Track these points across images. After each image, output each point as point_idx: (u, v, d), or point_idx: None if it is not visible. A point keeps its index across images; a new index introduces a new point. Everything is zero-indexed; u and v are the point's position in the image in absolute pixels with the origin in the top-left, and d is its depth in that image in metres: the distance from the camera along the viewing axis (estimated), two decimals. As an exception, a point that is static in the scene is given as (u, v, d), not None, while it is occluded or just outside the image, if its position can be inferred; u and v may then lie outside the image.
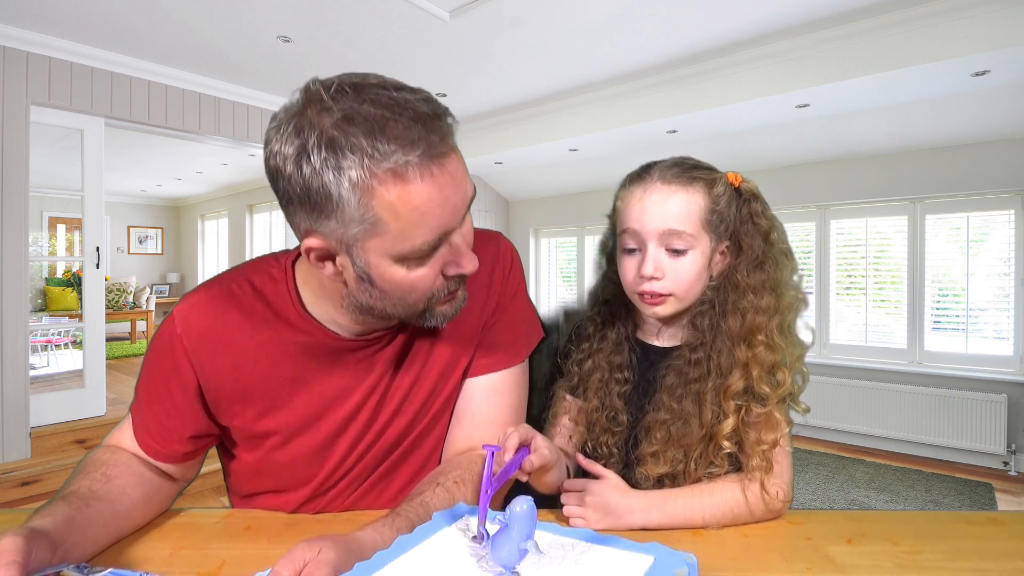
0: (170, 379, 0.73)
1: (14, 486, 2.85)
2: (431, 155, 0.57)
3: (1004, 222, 3.67)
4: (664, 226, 0.77)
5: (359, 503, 0.79)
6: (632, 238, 0.80)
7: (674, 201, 0.77)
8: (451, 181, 0.60)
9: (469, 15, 2.84)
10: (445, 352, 0.78)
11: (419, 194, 0.57)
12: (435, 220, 0.60)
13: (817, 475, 3.52)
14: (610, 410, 0.83)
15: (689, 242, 0.77)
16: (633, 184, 0.81)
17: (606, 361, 0.85)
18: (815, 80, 3.08)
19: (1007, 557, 0.63)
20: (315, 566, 0.50)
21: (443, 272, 0.65)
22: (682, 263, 0.78)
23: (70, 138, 3.33)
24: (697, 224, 0.78)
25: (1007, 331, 3.66)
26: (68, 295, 5.95)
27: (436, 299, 0.66)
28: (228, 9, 2.78)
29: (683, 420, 0.77)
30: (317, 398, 0.74)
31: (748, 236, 0.80)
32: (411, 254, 0.61)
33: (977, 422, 3.59)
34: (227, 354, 0.72)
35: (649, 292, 0.79)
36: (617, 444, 0.82)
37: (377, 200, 0.57)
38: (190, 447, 0.75)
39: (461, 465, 0.74)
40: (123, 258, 8.49)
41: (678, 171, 0.79)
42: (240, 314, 0.73)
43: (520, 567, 0.52)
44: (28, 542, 0.50)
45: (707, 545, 0.67)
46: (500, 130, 4.62)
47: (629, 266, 0.81)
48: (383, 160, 0.55)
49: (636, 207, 0.79)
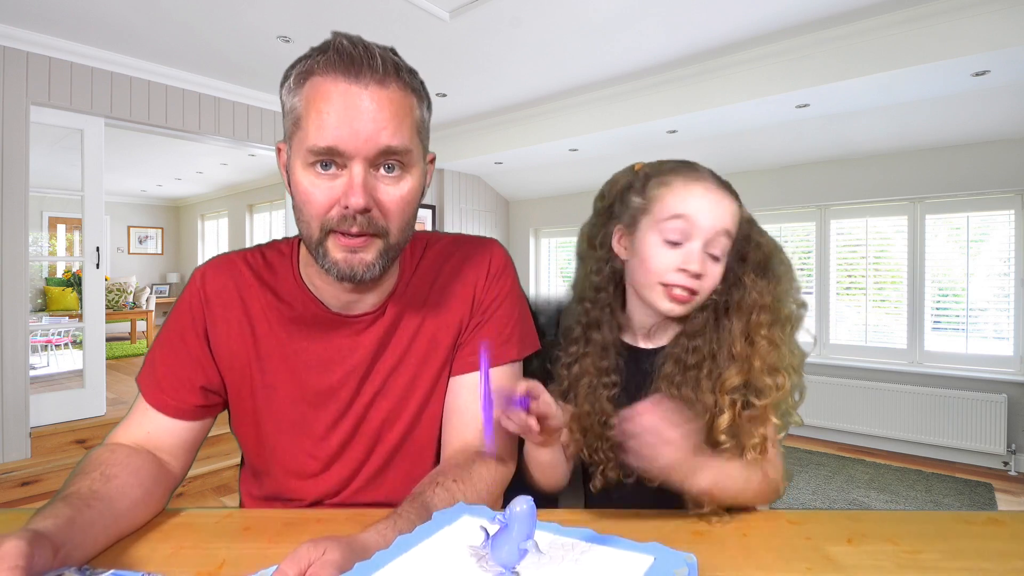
0: (186, 330, 0.80)
1: (14, 486, 2.85)
2: (343, 69, 0.65)
3: (1004, 222, 3.67)
4: (721, 225, 0.77)
5: (359, 496, 0.81)
6: (682, 227, 0.77)
7: (728, 206, 0.79)
8: (357, 105, 0.65)
9: (469, 15, 2.84)
10: (425, 338, 0.82)
11: (322, 89, 0.66)
12: (331, 127, 0.65)
13: (817, 475, 3.52)
14: (601, 415, 0.82)
15: (726, 249, 0.78)
16: (686, 175, 0.80)
17: (593, 366, 0.83)
18: (815, 80, 3.08)
19: (1007, 557, 0.63)
20: (320, 566, 0.50)
21: (339, 201, 0.68)
22: (718, 269, 0.79)
23: (70, 138, 3.33)
24: (734, 233, 0.79)
25: (1007, 331, 3.66)
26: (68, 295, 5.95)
27: (328, 229, 0.69)
28: (228, 9, 2.78)
29: (685, 406, 0.76)
30: (301, 366, 0.79)
31: (752, 250, 0.82)
32: (309, 155, 0.67)
33: (977, 422, 3.59)
34: (236, 311, 0.80)
35: (684, 286, 0.77)
36: (612, 448, 0.81)
37: (297, 96, 0.68)
38: (201, 400, 0.80)
39: (459, 464, 0.74)
40: (123, 258, 8.49)
41: (721, 181, 0.81)
42: (250, 278, 0.81)
43: (520, 567, 0.52)
44: (31, 545, 0.50)
45: (707, 545, 0.67)
46: (500, 130, 4.62)
47: (667, 257, 0.78)
48: (306, 60, 0.68)
49: (698, 200, 0.77)
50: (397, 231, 0.72)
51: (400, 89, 0.68)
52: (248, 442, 0.84)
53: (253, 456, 0.85)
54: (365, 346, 0.80)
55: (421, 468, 0.82)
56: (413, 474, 0.80)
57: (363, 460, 0.82)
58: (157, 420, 0.79)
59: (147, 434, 0.78)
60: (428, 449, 0.84)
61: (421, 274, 0.84)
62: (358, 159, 0.66)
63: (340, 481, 0.81)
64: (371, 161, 0.67)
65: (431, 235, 0.89)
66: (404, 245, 0.76)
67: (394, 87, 0.67)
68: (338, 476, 0.81)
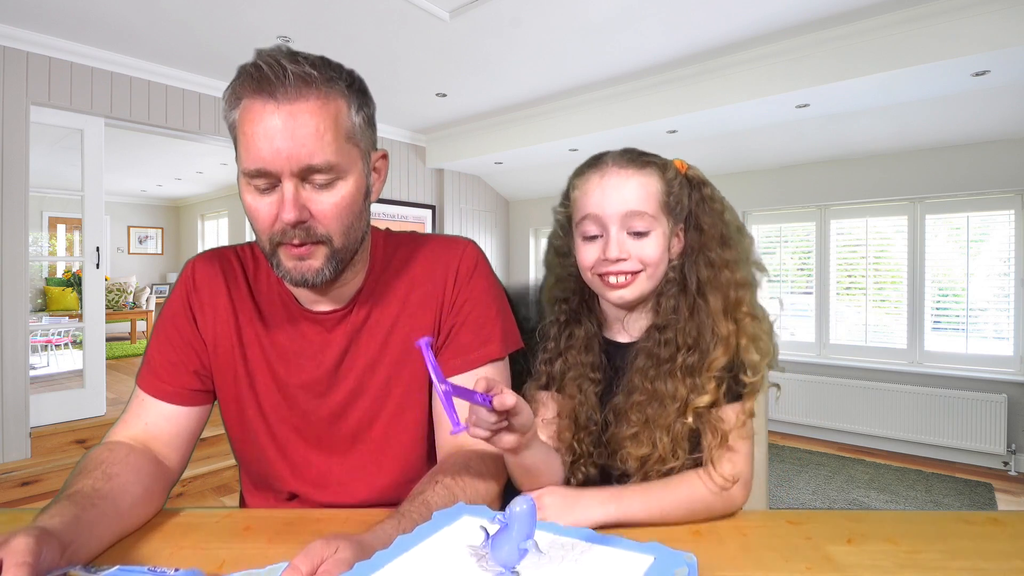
0: (177, 315, 0.83)
1: (14, 486, 2.85)
2: (258, 89, 0.66)
3: (1004, 222, 3.67)
4: (625, 208, 0.78)
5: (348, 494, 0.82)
6: (593, 223, 0.80)
7: (632, 184, 0.78)
8: (275, 125, 0.66)
9: (469, 15, 2.84)
10: (399, 338, 0.83)
11: (246, 111, 0.68)
12: (255, 149, 0.67)
13: (817, 475, 3.52)
14: (589, 408, 0.82)
15: (650, 223, 0.78)
16: (589, 171, 0.82)
17: (577, 360, 0.84)
18: (815, 80, 3.08)
19: (1007, 557, 0.63)
20: (332, 564, 0.51)
21: (278, 216, 0.70)
22: (645, 244, 0.79)
23: (70, 138, 3.33)
24: (656, 206, 0.79)
25: (1007, 331, 3.66)
26: (68, 295, 5.95)
27: (276, 242, 0.71)
28: (228, 9, 2.78)
29: (659, 401, 0.77)
30: (276, 357, 0.82)
31: (708, 216, 0.82)
32: (245, 173, 0.69)
33: (977, 422, 3.59)
34: (222, 299, 0.83)
35: (616, 272, 0.79)
36: (593, 442, 0.82)
37: (232, 117, 0.70)
38: (195, 383, 0.82)
39: (457, 463, 0.75)
40: (123, 258, 8.49)
41: (631, 157, 0.81)
42: (237, 270, 0.85)
43: (520, 567, 0.52)
44: (39, 542, 0.50)
45: (707, 545, 0.67)
46: (500, 130, 4.62)
47: (590, 252, 0.80)
48: (234, 81, 0.69)
49: (596, 192, 0.79)
50: (340, 236, 0.73)
51: (318, 99, 0.68)
52: (233, 428, 0.86)
53: (238, 442, 0.87)
54: (336, 342, 0.82)
55: (412, 470, 0.83)
56: (403, 477, 0.81)
57: (343, 457, 0.83)
58: (155, 409, 0.80)
59: (145, 425, 0.79)
60: (415, 451, 0.84)
61: (391, 272, 0.85)
62: (285, 176, 0.68)
63: (320, 474, 0.83)
64: (299, 176, 0.68)
65: (404, 235, 0.90)
66: (356, 246, 0.77)
67: (312, 100, 0.67)
68: (318, 469, 0.83)
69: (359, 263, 0.81)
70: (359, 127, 0.73)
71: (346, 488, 0.83)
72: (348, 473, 0.83)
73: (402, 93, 3.95)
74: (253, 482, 0.89)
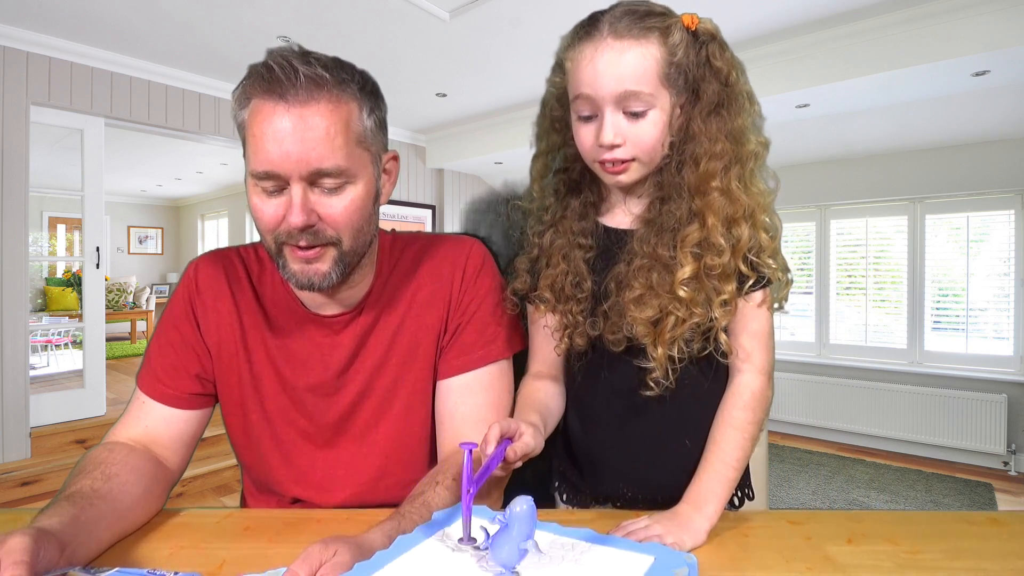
0: (179, 319, 0.82)
1: (14, 486, 2.85)
2: (269, 91, 0.66)
3: (1004, 222, 3.68)
4: (620, 88, 0.70)
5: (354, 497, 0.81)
6: (586, 104, 0.73)
7: (629, 58, 0.70)
8: (285, 128, 0.65)
9: (469, 15, 2.84)
10: (406, 339, 0.82)
11: (256, 111, 0.67)
12: (265, 151, 0.66)
13: (817, 475, 3.52)
14: (575, 276, 0.78)
15: (648, 102, 0.71)
16: (581, 42, 0.73)
17: (569, 229, 0.80)
18: (815, 80, 3.08)
19: (1007, 557, 0.63)
20: (331, 567, 0.51)
21: (285, 218, 0.69)
22: (642, 126, 0.72)
23: (70, 138, 3.33)
24: (655, 81, 0.70)
25: (1007, 331, 3.66)
26: (68, 295, 5.95)
27: (281, 241, 0.71)
28: (228, 9, 2.78)
29: (663, 265, 0.73)
30: (283, 361, 0.81)
31: (705, 81, 0.74)
32: (253, 174, 0.68)
33: (977, 422, 3.59)
34: (225, 302, 0.82)
35: (611, 159, 0.73)
36: (583, 312, 0.78)
37: (241, 117, 0.69)
38: (196, 387, 0.81)
39: (457, 464, 0.74)
40: (123, 258, 8.49)
41: (630, 21, 0.71)
42: (241, 272, 0.84)
43: (520, 567, 0.52)
44: (36, 542, 0.50)
45: (707, 545, 0.67)
46: (500, 130, 4.62)
47: (586, 134, 0.74)
48: (245, 80, 0.68)
49: (588, 69, 0.71)
50: (350, 239, 0.72)
51: (330, 102, 0.67)
52: (236, 432, 0.85)
53: (241, 447, 0.86)
54: (344, 345, 0.81)
55: (415, 472, 0.82)
56: (408, 478, 0.80)
57: (350, 459, 0.82)
58: (155, 412, 0.79)
59: (145, 428, 0.78)
60: (419, 453, 0.84)
61: (399, 275, 0.84)
62: (294, 179, 0.67)
63: (325, 476, 0.82)
64: (308, 179, 0.68)
65: (410, 236, 0.90)
66: (364, 249, 0.76)
67: (324, 103, 0.67)
68: (323, 471, 0.82)
69: (367, 266, 0.81)
70: (370, 130, 0.72)
71: (349, 489, 0.82)
72: (352, 474, 0.82)
73: (402, 93, 3.95)
74: (256, 486, 0.88)
